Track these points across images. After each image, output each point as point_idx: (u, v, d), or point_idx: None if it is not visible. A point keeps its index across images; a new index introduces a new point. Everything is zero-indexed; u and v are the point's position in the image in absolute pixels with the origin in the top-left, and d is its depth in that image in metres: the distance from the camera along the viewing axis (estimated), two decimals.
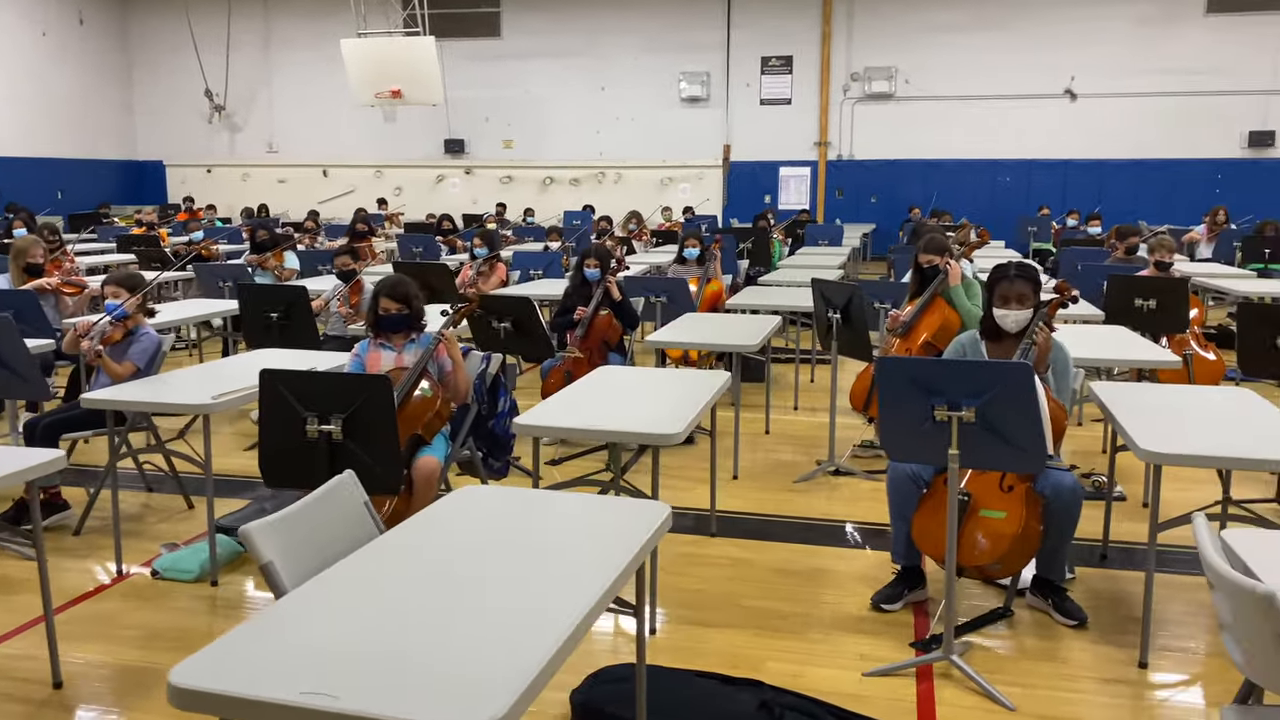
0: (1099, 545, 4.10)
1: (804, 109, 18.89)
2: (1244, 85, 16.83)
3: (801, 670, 3.14)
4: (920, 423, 3.02)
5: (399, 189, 20.48)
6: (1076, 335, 5.27)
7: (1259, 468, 2.98)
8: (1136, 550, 4.06)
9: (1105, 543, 4.11)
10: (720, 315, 6.27)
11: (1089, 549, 4.07)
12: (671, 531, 4.36)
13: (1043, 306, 3.69)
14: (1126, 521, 4.42)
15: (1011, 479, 3.42)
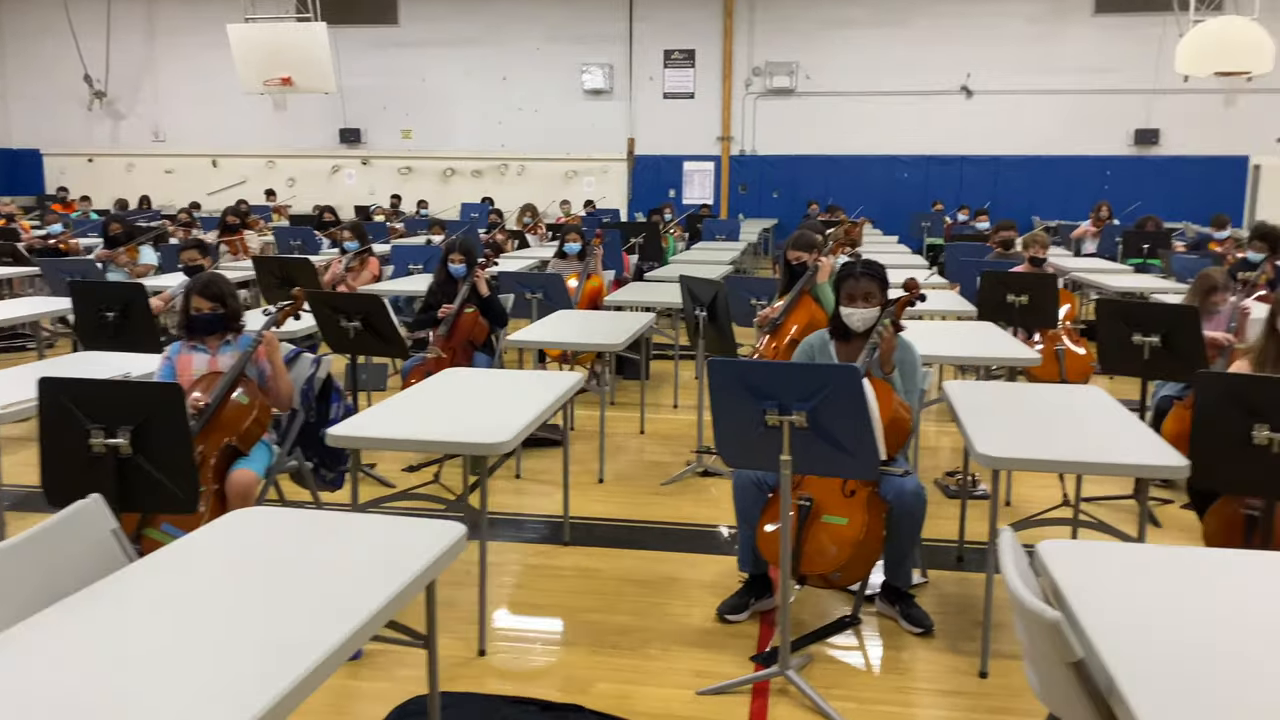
0: (955, 547, 4.03)
1: (707, 103, 18.83)
2: (1130, 84, 17.30)
3: (632, 691, 2.97)
4: (753, 427, 2.87)
5: (292, 180, 19.81)
6: (943, 332, 5.24)
7: (1092, 471, 2.91)
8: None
9: (961, 544, 4.04)
10: (595, 313, 6.08)
11: (945, 550, 4.00)
12: (524, 541, 4.20)
13: (890, 305, 3.59)
14: (985, 522, 4.36)
15: (854, 484, 3.31)
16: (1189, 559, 2.17)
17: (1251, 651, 1.71)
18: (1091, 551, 2.18)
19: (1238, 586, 1.99)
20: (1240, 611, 1.87)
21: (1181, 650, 1.70)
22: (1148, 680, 1.59)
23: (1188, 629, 1.79)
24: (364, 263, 7.22)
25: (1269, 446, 2.92)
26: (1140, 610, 1.86)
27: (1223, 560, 2.16)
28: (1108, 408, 3.47)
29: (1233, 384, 3.02)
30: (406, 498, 3.81)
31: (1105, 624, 1.78)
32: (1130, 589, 1.97)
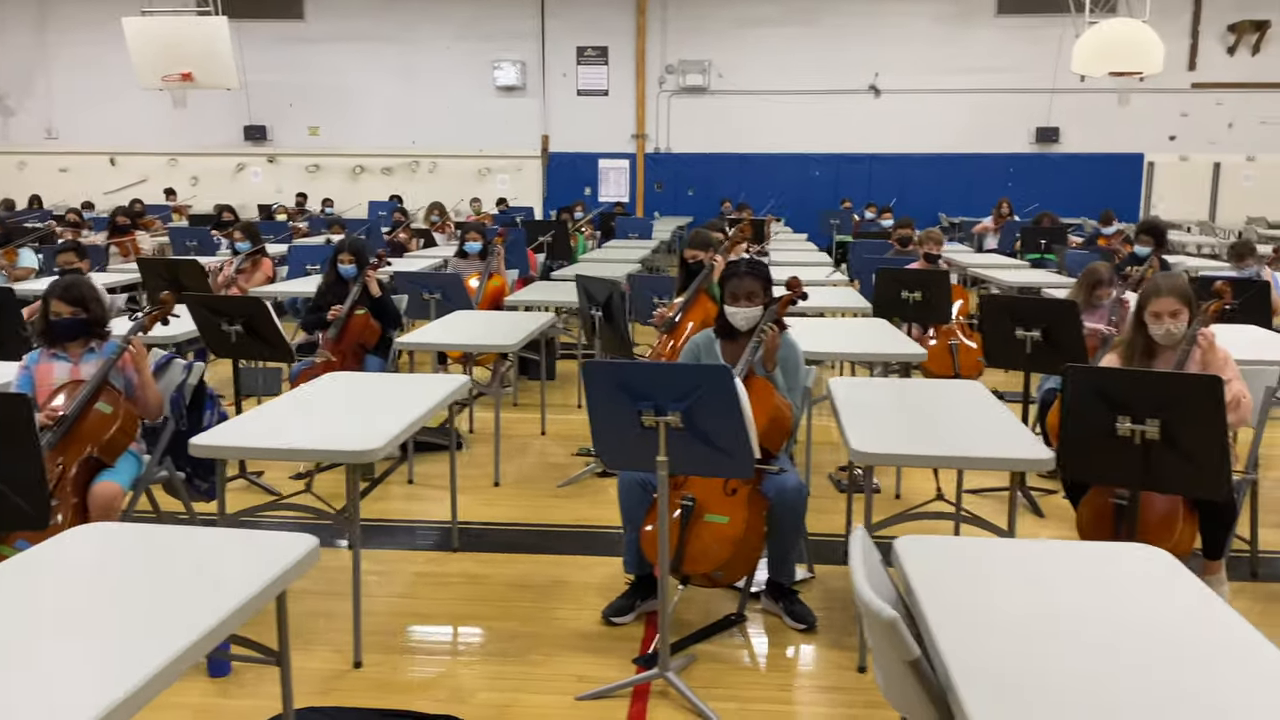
0: (842, 541, 4.07)
1: (621, 101, 18.82)
2: (1031, 84, 17.79)
3: (513, 699, 2.92)
4: (630, 428, 2.85)
5: (195, 179, 19.24)
6: (834, 329, 5.30)
7: (960, 465, 2.96)
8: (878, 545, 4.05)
9: (848, 539, 4.08)
10: (493, 313, 6.00)
11: (833, 545, 4.03)
12: (412, 549, 4.11)
13: (773, 304, 3.61)
14: (877, 515, 4.42)
15: (735, 482, 3.31)
16: (1039, 552, 2.20)
17: (1088, 646, 1.74)
18: (946, 547, 2.20)
19: (1085, 579, 2.03)
20: (1082, 605, 1.90)
21: (1019, 646, 1.72)
22: (982, 678, 1.60)
23: (1030, 624, 1.81)
24: (256, 264, 7.02)
25: (1132, 438, 3.01)
26: (984, 606, 1.88)
27: (1072, 553, 2.19)
28: (984, 402, 3.53)
29: (1097, 377, 3.10)
30: (280, 507, 3.69)
31: (948, 620, 1.80)
32: (979, 584, 1.99)
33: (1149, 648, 1.72)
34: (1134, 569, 2.09)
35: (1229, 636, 1.76)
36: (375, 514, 4.49)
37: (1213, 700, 1.55)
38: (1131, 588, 1.99)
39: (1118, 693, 1.56)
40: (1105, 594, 1.95)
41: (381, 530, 4.29)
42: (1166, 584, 2.00)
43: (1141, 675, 1.63)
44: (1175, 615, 1.86)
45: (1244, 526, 3.90)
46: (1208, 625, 1.82)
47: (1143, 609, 1.88)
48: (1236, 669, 1.65)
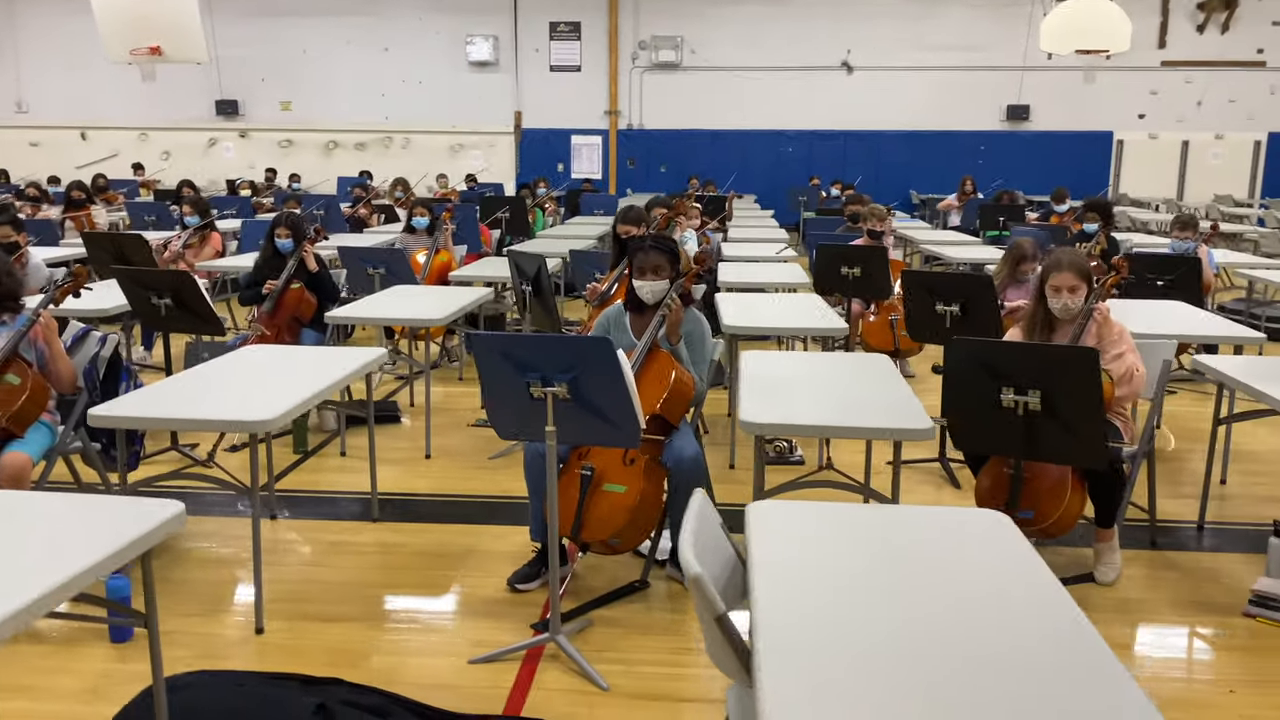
0: None
1: (594, 77, 18.77)
2: (1002, 61, 17.82)
3: (404, 662, 3.00)
4: (520, 399, 2.91)
5: (167, 153, 19.14)
6: (764, 304, 5.36)
7: (841, 434, 3.04)
8: None
9: None
10: (427, 288, 6.03)
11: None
12: (333, 519, 4.17)
13: (678, 279, 3.67)
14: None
15: (634, 453, 3.38)
16: (888, 516, 2.28)
17: (898, 605, 1.81)
18: (795, 511, 2.27)
19: (922, 542, 2.10)
20: (907, 567, 1.97)
21: (829, 604, 1.80)
22: (783, 633, 1.67)
23: (848, 582, 1.89)
24: (205, 239, 7.03)
25: (1014, 408, 3.08)
26: (810, 565, 1.96)
27: (920, 518, 2.27)
28: (887, 376, 3.60)
29: (979, 349, 3.17)
30: (183, 477, 3.72)
31: (768, 578, 1.87)
32: (814, 545, 2.06)
33: (957, 607, 1.80)
34: (974, 534, 2.16)
35: (1041, 598, 1.83)
36: (304, 485, 4.55)
37: (999, 659, 1.61)
38: (963, 551, 2.06)
39: (913, 651, 1.63)
40: (934, 557, 2.03)
41: (307, 501, 4.35)
42: (997, 548, 2.08)
43: (941, 633, 1.70)
44: (994, 578, 1.93)
45: (1145, 497, 4.00)
46: (1024, 588, 1.89)
47: (964, 571, 1.96)
48: (1037, 630, 1.71)
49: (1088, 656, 1.61)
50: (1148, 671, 2.98)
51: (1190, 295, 5.97)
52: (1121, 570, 3.64)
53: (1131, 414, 3.93)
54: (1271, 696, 2.86)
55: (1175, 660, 3.06)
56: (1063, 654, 1.63)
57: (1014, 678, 1.55)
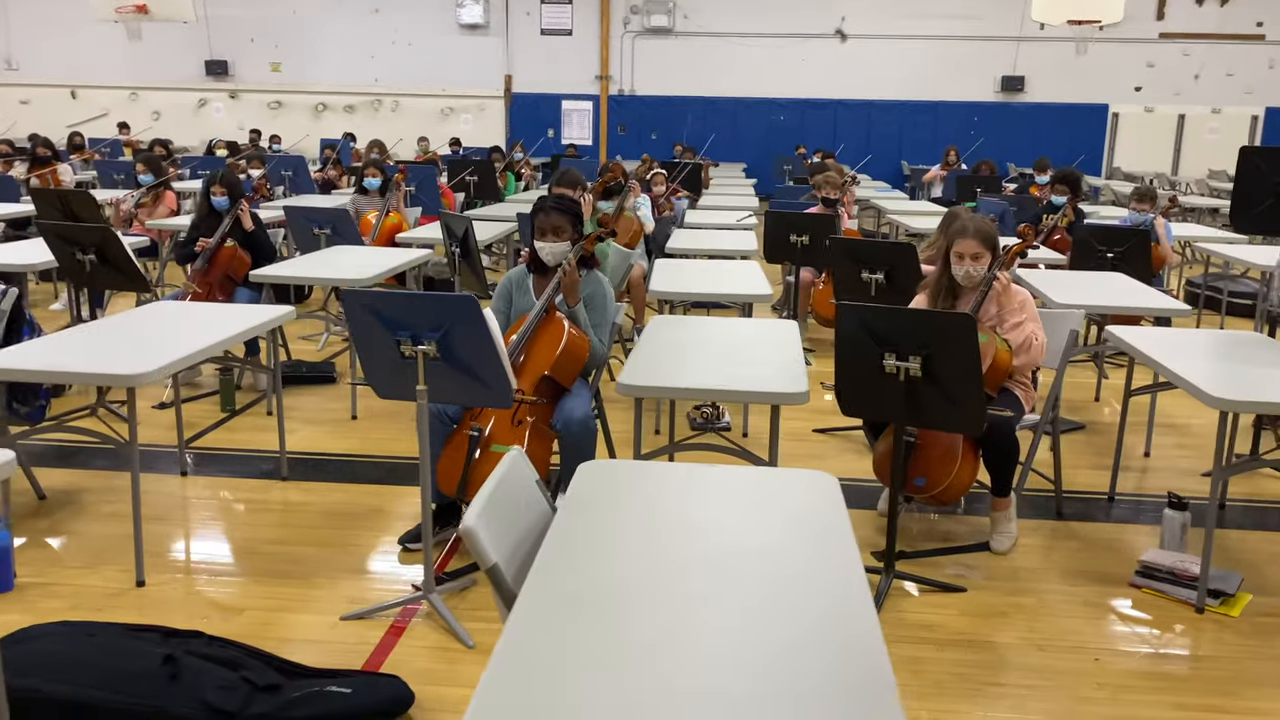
0: None
1: (585, 41, 18.61)
2: (997, 31, 17.61)
3: (277, 618, 3.01)
4: (392, 358, 2.90)
5: (157, 113, 19.08)
6: (699, 270, 5.33)
7: (715, 398, 3.04)
8: None
9: None
10: (373, 249, 6.00)
11: None
12: (245, 477, 4.19)
13: (580, 241, 3.65)
14: (713, 457, 4.50)
15: (523, 414, 3.38)
16: (718, 477, 2.26)
17: (680, 563, 1.80)
18: (622, 470, 2.27)
19: (740, 502, 2.09)
20: (710, 526, 1.96)
21: (606, 560, 1.79)
22: (542, 591, 1.67)
23: (642, 541, 1.88)
24: (158, 197, 7.01)
25: (897, 374, 3.07)
26: (611, 525, 1.95)
27: (750, 478, 2.25)
28: (785, 341, 3.58)
29: (864, 315, 3.14)
30: (68, 430, 3.70)
31: (562, 535, 1.87)
32: (626, 504, 2.05)
33: (740, 567, 1.78)
34: (795, 494, 2.14)
35: (830, 560, 1.82)
36: (226, 443, 4.57)
37: (730, 618, 1.60)
38: (773, 510, 2.05)
39: (666, 608, 1.62)
40: (742, 516, 2.01)
41: (223, 459, 4.37)
42: (811, 508, 2.06)
43: (710, 590, 1.69)
44: (790, 539, 1.92)
45: (1062, 468, 3.98)
46: (817, 549, 1.87)
47: (765, 530, 1.95)
48: (810, 594, 1.70)
49: (844, 623, 1.61)
50: (1016, 637, 2.98)
51: (1139, 267, 5.92)
52: (1017, 539, 3.63)
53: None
54: (1134, 664, 2.86)
55: (1046, 627, 3.05)
56: (812, 618, 1.61)
57: (736, 636, 1.54)
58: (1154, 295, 4.81)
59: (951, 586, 3.29)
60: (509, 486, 1.98)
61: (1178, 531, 3.47)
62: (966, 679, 2.77)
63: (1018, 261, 3.87)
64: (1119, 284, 5.09)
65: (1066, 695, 2.70)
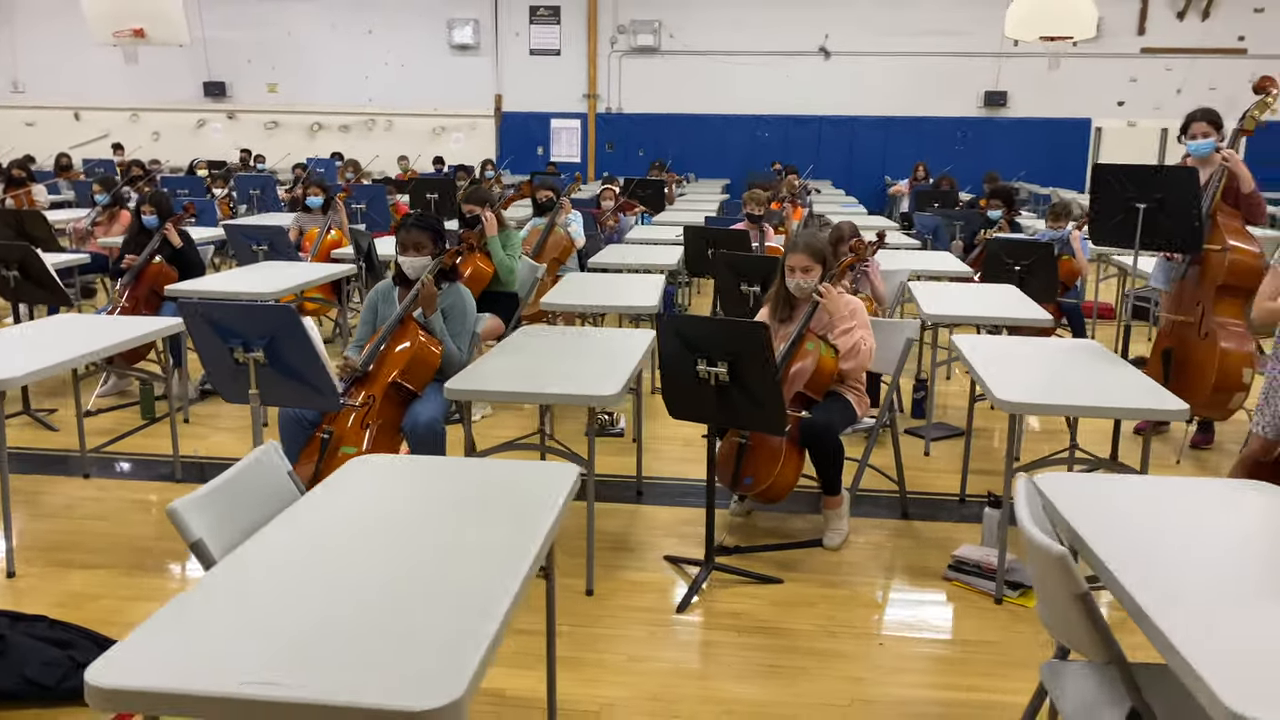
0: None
1: (573, 61, 18.93)
2: (980, 47, 17.77)
3: (127, 606, 3.26)
4: (228, 364, 3.15)
5: (156, 134, 19.56)
6: (591, 283, 5.56)
7: (539, 400, 3.26)
8: None
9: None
10: (300, 264, 6.26)
11: None
12: (141, 480, 4.44)
13: (440, 255, 3.89)
14: (618, 455, 4.73)
15: (370, 417, 3.62)
16: (477, 470, 2.48)
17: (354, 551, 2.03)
18: (388, 465, 2.50)
19: (474, 490, 2.31)
20: (423, 513, 2.19)
21: (299, 541, 2.02)
22: (239, 557, 1.90)
23: (346, 525, 2.11)
24: (113, 216, 7.32)
25: (708, 379, 3.28)
26: (334, 509, 2.18)
27: (506, 470, 2.47)
28: (632, 349, 3.80)
29: (679, 324, 3.36)
30: None
31: (289, 519, 2.10)
32: (362, 493, 2.28)
33: (411, 545, 2.01)
34: (529, 486, 2.34)
35: (501, 542, 2.02)
36: (139, 448, 4.83)
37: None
38: (495, 500, 2.25)
39: (321, 580, 1.85)
40: (455, 505, 2.24)
41: (129, 463, 4.63)
42: (532, 499, 2.26)
43: (369, 563, 1.91)
44: (480, 524, 2.11)
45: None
46: (499, 532, 2.07)
47: (468, 517, 2.17)
48: (456, 568, 1.91)
49: (476, 590, 1.82)
50: (813, 624, 3.18)
51: (1044, 280, 6.10)
52: (848, 536, 3.83)
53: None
54: (916, 649, 3.05)
55: (846, 615, 3.25)
56: (444, 584, 1.83)
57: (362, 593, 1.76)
58: (1027, 307, 4.97)
59: (769, 578, 3.49)
60: (249, 476, 2.22)
61: (994, 528, 3.66)
62: (750, 662, 2.97)
63: (849, 274, 4.08)
64: (1001, 296, 5.28)
65: (837, 676, 2.90)
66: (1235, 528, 2.12)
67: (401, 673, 1.51)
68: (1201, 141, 4.94)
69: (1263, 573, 1.89)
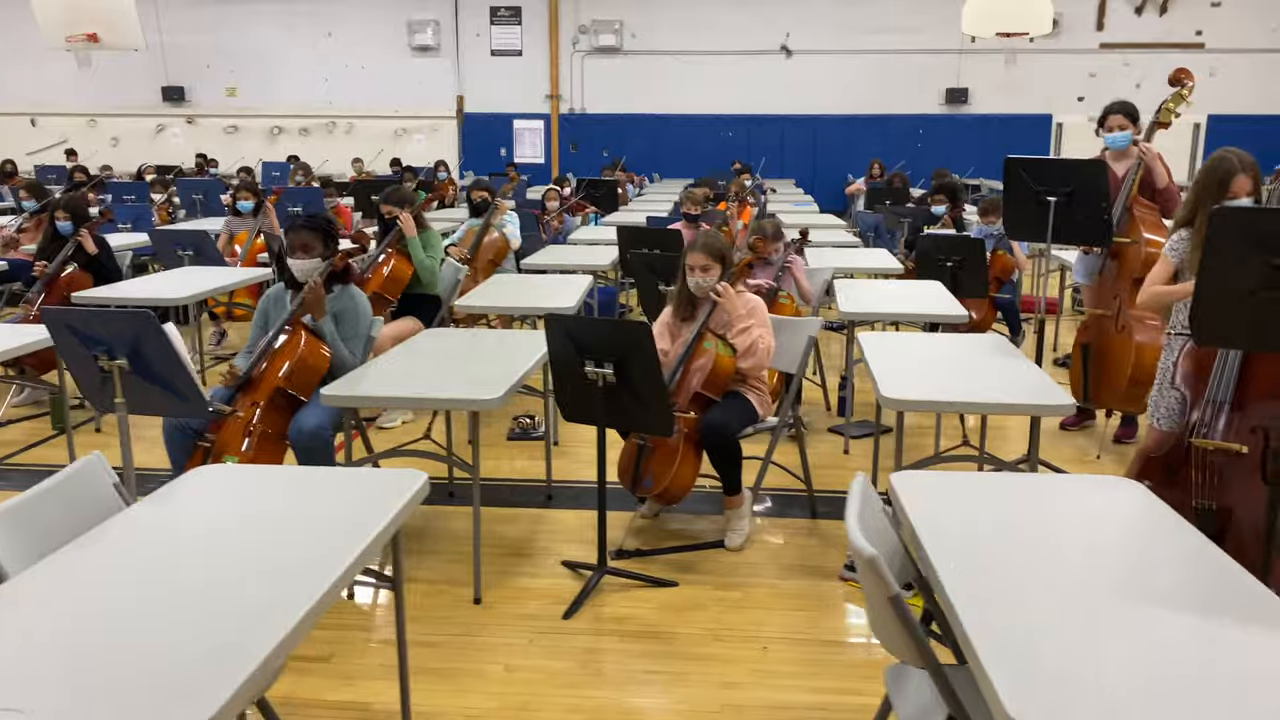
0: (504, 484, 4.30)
1: (535, 61, 18.86)
2: (940, 44, 17.81)
3: None
4: (94, 372, 3.06)
5: (115, 140, 19.36)
6: (507, 283, 5.49)
7: (430, 406, 3.22)
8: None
9: (450, 479, 4.32)
10: (207, 269, 6.13)
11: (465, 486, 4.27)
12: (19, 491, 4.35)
13: (330, 258, 3.81)
14: (538, 460, 4.67)
15: (256, 425, 3.53)
16: (288, 477, 2.41)
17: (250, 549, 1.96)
18: (229, 474, 2.42)
19: (266, 500, 2.24)
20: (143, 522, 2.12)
21: (110, 548, 1.95)
22: (52, 562, 1.82)
23: (163, 534, 2.03)
24: (40, 223, 7.18)
25: (596, 380, 3.22)
26: (158, 517, 2.10)
27: (300, 477, 2.40)
28: (529, 353, 3.73)
29: (567, 325, 3.30)
30: None
31: (118, 524, 2.02)
32: (194, 500, 2.21)
33: (227, 556, 1.93)
34: (365, 492, 2.26)
35: (315, 549, 1.96)
36: (47, 459, 4.74)
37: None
38: (322, 508, 2.18)
39: (124, 585, 1.78)
40: (285, 514, 2.17)
41: (30, 474, 4.53)
42: (362, 503, 2.19)
43: (156, 570, 1.84)
44: (304, 531, 2.05)
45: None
46: (316, 540, 2.01)
47: (290, 525, 2.10)
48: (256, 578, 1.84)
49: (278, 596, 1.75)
50: (700, 629, 3.12)
51: (975, 276, 6.07)
52: (750, 536, 3.77)
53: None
54: (798, 652, 2.99)
55: (735, 619, 3.19)
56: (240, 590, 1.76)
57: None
58: (946, 304, 4.93)
59: (664, 581, 3.43)
60: (68, 488, 2.14)
61: None
62: (629, 668, 2.91)
63: (749, 273, 4.02)
64: (923, 293, 5.24)
65: (713, 681, 2.84)
66: (1078, 527, 2.07)
67: (153, 696, 1.44)
68: (1118, 134, 4.93)
69: (1084, 575, 1.83)
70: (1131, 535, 2.04)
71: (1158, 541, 2.00)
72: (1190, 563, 1.89)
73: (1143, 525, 2.09)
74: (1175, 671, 1.50)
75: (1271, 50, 17.31)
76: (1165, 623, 1.64)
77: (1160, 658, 1.54)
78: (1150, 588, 1.78)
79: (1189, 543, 1.97)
